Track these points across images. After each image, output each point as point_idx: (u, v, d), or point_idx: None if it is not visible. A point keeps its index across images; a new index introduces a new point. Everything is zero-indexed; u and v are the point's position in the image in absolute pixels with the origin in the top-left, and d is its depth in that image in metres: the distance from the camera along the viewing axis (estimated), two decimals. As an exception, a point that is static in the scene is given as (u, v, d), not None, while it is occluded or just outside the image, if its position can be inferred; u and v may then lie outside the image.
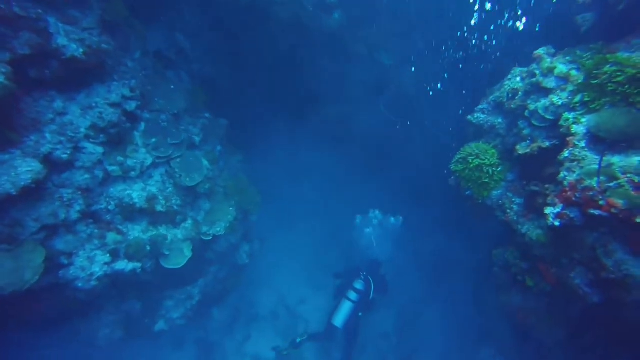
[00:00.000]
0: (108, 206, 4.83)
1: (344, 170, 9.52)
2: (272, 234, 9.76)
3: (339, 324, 6.01)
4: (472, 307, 8.79)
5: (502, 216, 5.04)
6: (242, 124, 7.82)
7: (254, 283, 9.30)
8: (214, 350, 8.07)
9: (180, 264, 5.22)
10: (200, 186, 5.38)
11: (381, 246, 7.58)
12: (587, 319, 5.15)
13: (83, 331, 5.65)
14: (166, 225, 5.27)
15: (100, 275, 4.71)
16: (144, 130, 5.08)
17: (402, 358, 9.27)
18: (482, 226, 6.84)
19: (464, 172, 5.21)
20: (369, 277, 6.41)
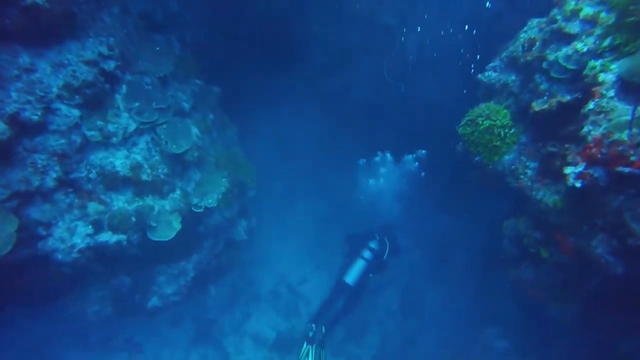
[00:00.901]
0: (89, 174, 4.45)
1: (346, 145, 9.08)
2: (271, 212, 9.41)
3: (350, 281, 5.69)
4: (478, 285, 8.47)
5: (515, 182, 4.57)
6: (237, 95, 7.38)
7: (254, 262, 9.00)
8: (212, 329, 7.82)
9: (168, 236, 4.87)
10: (189, 154, 4.97)
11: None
12: (605, 294, 4.73)
13: (71, 308, 5.37)
14: (153, 196, 4.90)
15: (82, 247, 4.38)
16: (125, 93, 4.66)
17: (406, 337, 8.99)
18: (491, 198, 6.41)
19: (472, 135, 4.73)
20: (385, 239, 6.13)
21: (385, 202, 7.03)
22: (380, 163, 6.84)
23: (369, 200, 7.17)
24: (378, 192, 7.08)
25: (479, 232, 8.22)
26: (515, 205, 5.13)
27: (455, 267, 9.38)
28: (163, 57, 5.12)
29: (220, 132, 6.34)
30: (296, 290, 9.07)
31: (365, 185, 7.13)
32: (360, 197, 7.24)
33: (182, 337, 7.53)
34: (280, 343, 8.12)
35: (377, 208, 7.07)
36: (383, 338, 8.90)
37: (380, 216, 6.91)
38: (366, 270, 5.81)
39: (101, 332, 6.82)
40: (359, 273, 5.76)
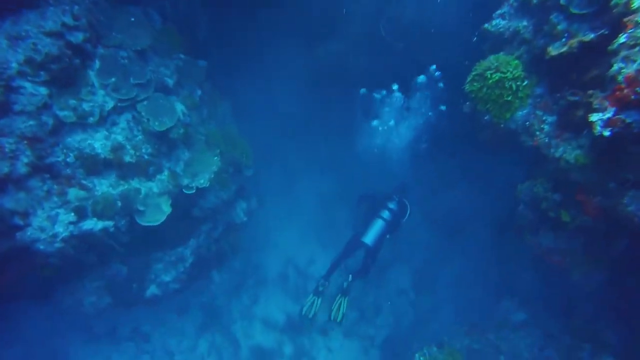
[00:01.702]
0: (66, 158, 4.09)
1: (345, 115, 8.61)
2: (272, 191, 9.06)
3: (369, 241, 5.56)
4: (492, 257, 8.10)
5: (530, 141, 4.09)
6: (228, 70, 6.92)
7: (259, 245, 8.71)
8: (220, 315, 7.59)
9: (158, 220, 4.53)
10: (173, 132, 4.58)
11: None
12: (634, 258, 4.28)
13: (68, 299, 5.13)
14: (138, 178, 4.54)
15: (65, 236, 4.06)
16: (99, 68, 4.25)
17: (421, 315, 8.68)
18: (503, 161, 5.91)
19: (480, 92, 4.23)
20: (404, 200, 5.97)
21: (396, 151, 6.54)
22: (385, 99, 6.17)
23: (378, 151, 6.66)
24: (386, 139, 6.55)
25: (491, 200, 7.77)
26: (531, 166, 4.65)
27: (468, 238, 9.01)
28: (139, 29, 4.67)
29: (211, 109, 5.92)
30: (304, 271, 8.78)
31: (370, 130, 6.56)
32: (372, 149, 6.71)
33: (190, 325, 7.31)
34: (291, 325, 7.89)
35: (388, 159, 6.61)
36: (396, 317, 8.60)
37: (393, 169, 6.58)
38: (384, 230, 5.67)
39: (106, 323, 6.64)
40: (378, 233, 5.62)
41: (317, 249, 9.19)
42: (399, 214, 5.87)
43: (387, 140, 6.46)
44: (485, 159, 6.42)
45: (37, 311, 5.71)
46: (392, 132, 6.37)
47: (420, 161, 6.71)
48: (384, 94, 6.09)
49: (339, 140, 8.76)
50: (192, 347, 7.11)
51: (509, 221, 5.51)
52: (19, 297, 5.07)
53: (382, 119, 6.33)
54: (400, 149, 6.43)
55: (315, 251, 9.10)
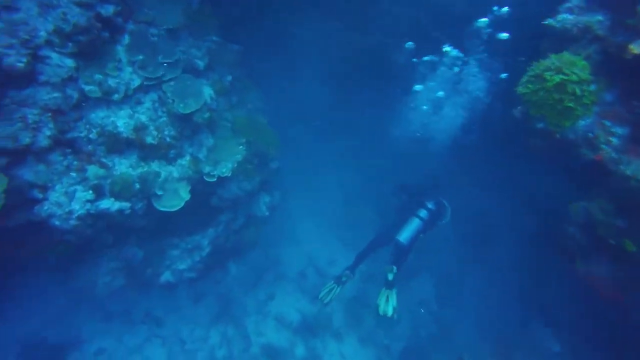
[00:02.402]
0: (89, 134, 3.97)
1: (378, 112, 8.18)
2: (299, 187, 8.79)
3: (404, 240, 5.28)
4: (525, 274, 7.50)
5: (591, 154, 3.54)
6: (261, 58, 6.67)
7: (280, 240, 8.48)
8: (235, 307, 7.41)
9: (175, 206, 4.34)
10: (197, 115, 4.36)
11: None
12: None
13: (82, 278, 5.07)
14: (159, 161, 4.37)
15: (81, 214, 3.94)
16: (128, 44, 4.10)
17: (443, 328, 8.18)
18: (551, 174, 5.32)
19: (536, 95, 3.71)
20: (443, 200, 5.71)
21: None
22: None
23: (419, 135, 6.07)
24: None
25: (529, 213, 7.14)
26: (588, 184, 4.08)
27: (497, 250, 8.44)
28: (173, 7, 4.49)
29: (241, 96, 5.68)
30: (324, 271, 8.46)
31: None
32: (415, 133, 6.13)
33: (203, 314, 7.17)
34: (305, 326, 7.59)
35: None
36: (415, 328, 8.13)
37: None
38: (420, 230, 5.40)
39: (121, 304, 6.60)
40: (413, 232, 5.34)
41: (338, 249, 8.85)
42: (436, 214, 5.59)
43: (430, 122, 5.89)
44: (531, 167, 5.83)
45: (55, 286, 5.72)
46: (440, 109, 5.73)
47: (464, 154, 6.11)
48: (434, 58, 5.40)
49: (369, 136, 8.37)
50: (204, 337, 6.96)
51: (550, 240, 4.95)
52: (39, 271, 5.09)
53: (429, 88, 5.64)
54: (445, 134, 5.84)
55: (336, 251, 8.76)
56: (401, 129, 6.18)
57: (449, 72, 5.41)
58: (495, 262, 7.93)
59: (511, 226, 7.42)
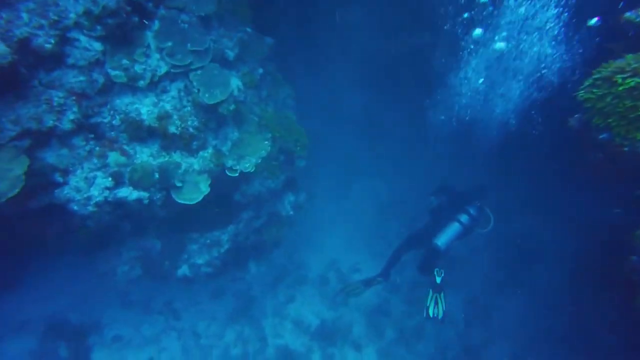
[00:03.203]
0: (112, 120, 3.89)
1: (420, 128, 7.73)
2: (328, 189, 8.49)
3: (441, 244, 5.03)
4: (567, 304, 6.84)
5: (667, 173, 2.99)
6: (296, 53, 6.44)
7: (304, 242, 8.22)
8: (253, 307, 7.22)
9: (194, 199, 4.17)
10: (223, 107, 4.17)
11: None
12: None
13: (103, 264, 5.04)
14: (181, 152, 4.22)
15: (99, 201, 3.85)
16: (158, 29, 3.97)
17: (468, 349, 7.59)
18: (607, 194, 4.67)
19: (602, 101, 3.20)
20: (486, 208, 5.42)
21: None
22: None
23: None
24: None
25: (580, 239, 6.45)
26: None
27: (536, 276, 7.78)
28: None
29: (272, 90, 5.48)
30: (347, 278, 8.10)
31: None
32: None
33: (221, 311, 7.04)
34: (323, 332, 7.28)
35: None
36: (439, 347, 7.59)
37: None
38: (458, 236, 5.13)
39: (142, 292, 6.60)
40: (451, 237, 5.07)
41: (364, 257, 8.47)
42: (477, 221, 5.29)
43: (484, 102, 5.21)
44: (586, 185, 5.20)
45: (80, 269, 5.76)
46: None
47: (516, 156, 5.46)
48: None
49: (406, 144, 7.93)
50: (219, 333, 6.82)
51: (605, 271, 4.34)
52: (63, 253, 5.11)
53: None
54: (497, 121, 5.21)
55: (361, 259, 8.39)
56: (447, 110, 5.58)
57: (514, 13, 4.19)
58: (533, 287, 7.27)
59: (556, 250, 6.75)
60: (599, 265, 5.58)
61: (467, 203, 5.31)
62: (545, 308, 7.42)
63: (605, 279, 5.06)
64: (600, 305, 6.19)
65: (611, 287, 4.48)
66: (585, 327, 6.62)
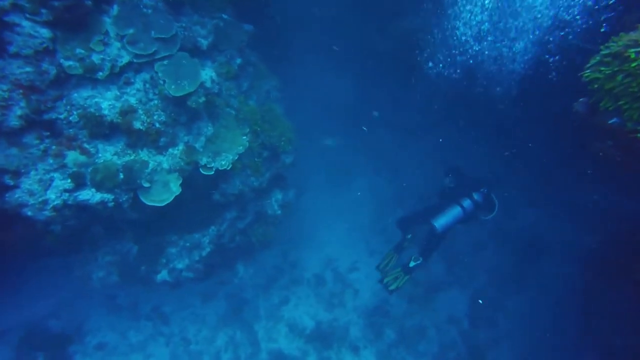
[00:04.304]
0: (69, 116, 3.47)
1: (419, 118, 7.23)
2: (325, 185, 8.05)
3: (439, 225, 4.88)
4: (577, 302, 6.37)
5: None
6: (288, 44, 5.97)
7: (299, 241, 7.79)
8: (245, 310, 6.83)
9: (164, 200, 3.75)
10: (192, 99, 3.73)
11: None
12: None
13: (78, 270, 4.67)
14: (148, 150, 3.80)
15: (57, 205, 3.45)
16: (117, 15, 3.54)
17: (473, 350, 7.15)
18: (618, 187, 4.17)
19: (612, 81, 2.70)
20: (492, 195, 5.21)
21: None
22: None
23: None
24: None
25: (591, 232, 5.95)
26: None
27: (544, 273, 7.32)
28: (173, -24, 3.89)
29: (254, 82, 5.04)
30: (344, 277, 7.67)
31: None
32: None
33: (212, 315, 6.66)
34: (319, 335, 6.87)
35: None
36: (442, 347, 7.15)
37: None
38: (458, 220, 4.99)
39: (129, 296, 6.24)
40: (450, 220, 4.94)
41: (362, 255, 8.02)
42: (481, 207, 5.15)
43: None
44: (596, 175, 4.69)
45: (59, 275, 5.42)
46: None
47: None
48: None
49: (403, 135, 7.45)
50: (210, 338, 6.44)
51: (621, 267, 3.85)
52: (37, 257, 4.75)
53: None
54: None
55: (360, 257, 7.94)
56: (443, 61, 5.04)
57: None
58: (541, 283, 6.78)
59: (565, 244, 6.25)
60: (612, 259, 5.12)
61: (474, 189, 5.16)
62: (554, 305, 6.96)
63: (619, 273, 4.55)
64: (614, 302, 5.69)
65: (626, 283, 3.99)
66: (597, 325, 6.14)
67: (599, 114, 3.07)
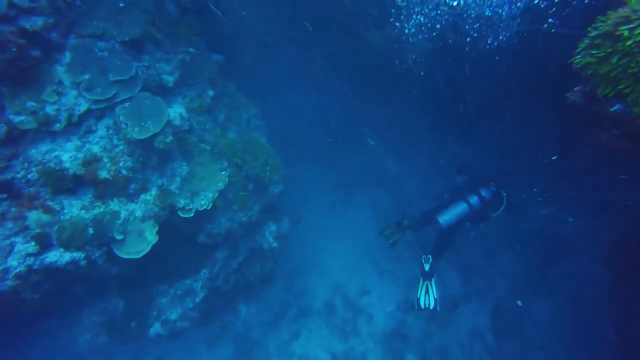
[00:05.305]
0: (27, 174, 3.18)
1: (414, 127, 6.87)
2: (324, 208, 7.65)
3: (443, 221, 4.68)
4: (609, 305, 5.84)
5: None
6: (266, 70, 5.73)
7: (303, 270, 7.32)
8: (255, 350, 6.33)
9: (140, 251, 3.39)
10: (158, 140, 3.42)
11: None
12: None
13: (63, 335, 4.28)
14: (118, 199, 3.47)
15: (21, 272, 3.11)
16: (70, 62, 3.29)
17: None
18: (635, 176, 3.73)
19: (607, 65, 2.33)
20: (502, 192, 4.96)
21: None
22: None
23: None
24: None
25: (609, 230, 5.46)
26: None
27: (569, 274, 6.77)
28: (129, 16, 3.66)
29: (231, 112, 4.75)
30: (355, 303, 7.16)
31: None
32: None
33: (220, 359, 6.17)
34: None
35: None
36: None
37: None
38: (465, 217, 4.77)
39: (129, 352, 5.79)
40: (456, 216, 4.73)
41: (371, 277, 7.51)
42: (489, 204, 4.89)
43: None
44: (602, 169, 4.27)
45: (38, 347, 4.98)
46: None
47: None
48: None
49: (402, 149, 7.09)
50: (220, 386, 5.95)
51: None
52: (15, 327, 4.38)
53: None
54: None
55: (369, 280, 7.43)
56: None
57: None
58: (567, 286, 6.23)
59: (585, 246, 5.75)
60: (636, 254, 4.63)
61: (483, 185, 4.96)
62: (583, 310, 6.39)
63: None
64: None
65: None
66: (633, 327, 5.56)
67: (599, 102, 2.69)
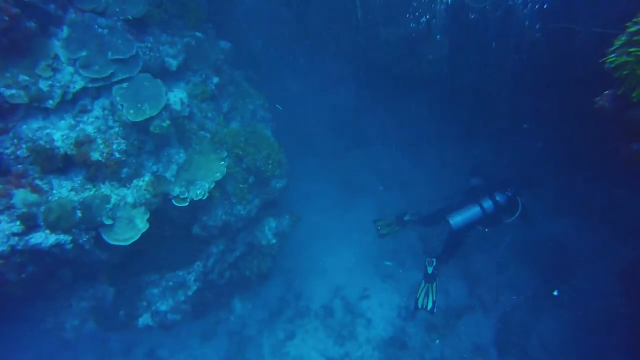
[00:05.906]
0: (17, 150, 3.04)
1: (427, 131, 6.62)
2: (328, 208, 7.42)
3: (454, 223, 4.59)
4: (625, 325, 5.49)
5: None
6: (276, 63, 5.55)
7: (302, 269, 7.10)
8: (249, 347, 6.13)
9: (129, 239, 3.22)
10: (154, 124, 3.24)
11: None
12: None
13: (49, 320, 4.15)
14: (110, 182, 3.31)
15: (4, 252, 2.97)
16: (67, 37, 3.14)
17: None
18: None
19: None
20: (518, 198, 4.78)
21: None
22: None
23: None
24: None
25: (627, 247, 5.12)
26: None
27: (579, 289, 6.41)
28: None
29: (237, 102, 4.56)
30: (354, 307, 6.89)
31: None
32: None
33: (213, 355, 5.99)
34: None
35: None
36: (470, 383, 6.23)
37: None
38: (477, 221, 4.67)
39: (122, 339, 5.65)
40: (468, 220, 4.63)
41: (373, 280, 7.23)
42: (504, 210, 4.74)
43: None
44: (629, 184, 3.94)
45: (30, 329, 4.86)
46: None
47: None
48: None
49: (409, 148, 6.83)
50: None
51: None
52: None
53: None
54: None
55: (371, 283, 7.15)
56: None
57: None
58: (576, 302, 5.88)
59: (599, 257, 5.45)
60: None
61: (499, 190, 4.80)
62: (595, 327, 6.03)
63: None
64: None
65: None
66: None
67: (633, 108, 2.39)
